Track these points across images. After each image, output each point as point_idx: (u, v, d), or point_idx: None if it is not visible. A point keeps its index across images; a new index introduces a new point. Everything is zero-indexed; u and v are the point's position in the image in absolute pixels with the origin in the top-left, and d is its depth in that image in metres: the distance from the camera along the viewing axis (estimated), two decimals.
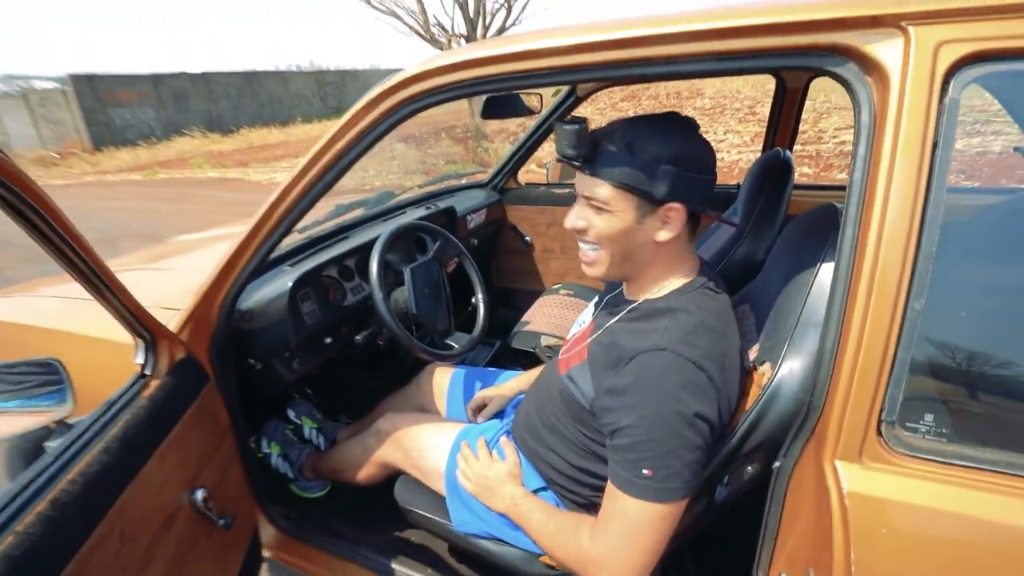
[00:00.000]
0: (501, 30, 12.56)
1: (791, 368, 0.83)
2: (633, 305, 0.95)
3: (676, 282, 0.93)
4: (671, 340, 0.84)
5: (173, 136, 15.26)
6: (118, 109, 14.96)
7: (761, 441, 0.85)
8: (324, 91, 20.51)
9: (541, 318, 2.04)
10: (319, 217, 1.70)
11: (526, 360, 1.91)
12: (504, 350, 2.10)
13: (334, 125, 0.95)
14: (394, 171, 8.87)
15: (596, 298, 1.14)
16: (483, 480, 1.09)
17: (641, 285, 0.95)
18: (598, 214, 0.87)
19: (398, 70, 0.92)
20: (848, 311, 0.65)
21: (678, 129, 0.85)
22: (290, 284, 1.23)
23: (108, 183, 10.66)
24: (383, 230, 1.39)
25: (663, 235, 0.87)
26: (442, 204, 1.94)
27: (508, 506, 1.05)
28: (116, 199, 8.73)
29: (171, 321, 1.07)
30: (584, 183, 0.87)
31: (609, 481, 0.86)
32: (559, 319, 2.05)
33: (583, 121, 0.84)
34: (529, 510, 1.01)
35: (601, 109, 12.82)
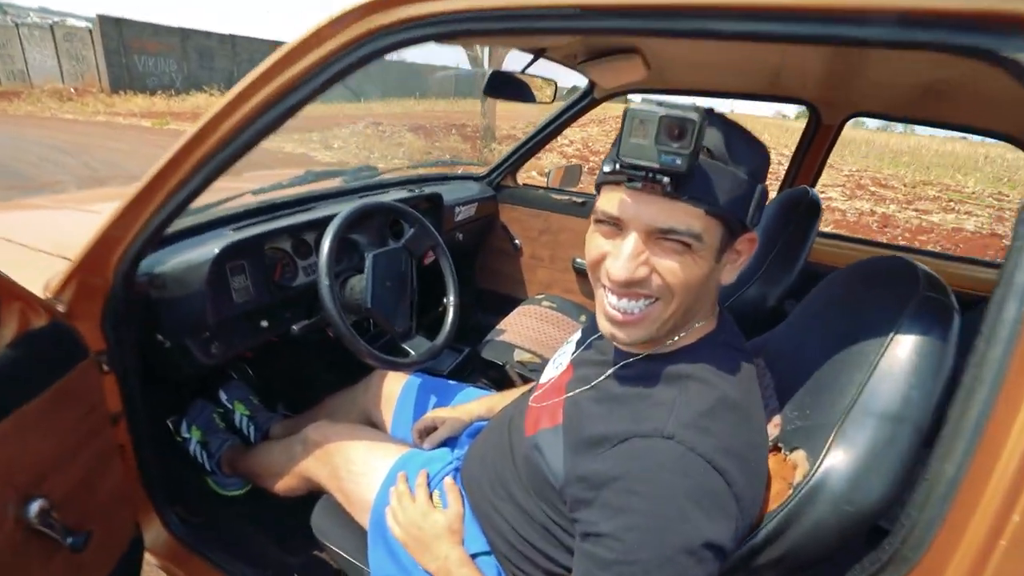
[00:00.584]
0: None
1: (839, 466, 0.57)
2: (633, 359, 0.67)
3: (691, 336, 0.65)
4: (680, 424, 0.56)
5: (192, 91, 14.71)
6: (142, 56, 14.33)
7: (782, 555, 0.60)
8: (356, 77, 19.96)
9: (518, 328, 1.78)
10: (284, 180, 1.42)
11: (494, 373, 1.64)
12: (471, 359, 1.83)
13: (293, 42, 0.67)
14: (399, 157, 8.55)
15: (579, 334, 0.87)
16: (415, 530, 0.83)
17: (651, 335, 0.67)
18: (678, 255, 0.56)
19: None
20: (994, 426, 0.39)
21: (744, 134, 0.58)
22: (215, 252, 0.95)
23: (117, 125, 10.14)
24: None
25: (730, 274, 0.61)
26: (428, 190, 1.66)
27: (438, 569, 0.79)
28: (120, 140, 8.27)
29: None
30: (652, 210, 0.54)
31: None
32: (537, 333, 1.79)
33: (702, 111, 0.51)
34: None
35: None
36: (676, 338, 0.65)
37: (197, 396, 1.42)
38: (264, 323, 1.13)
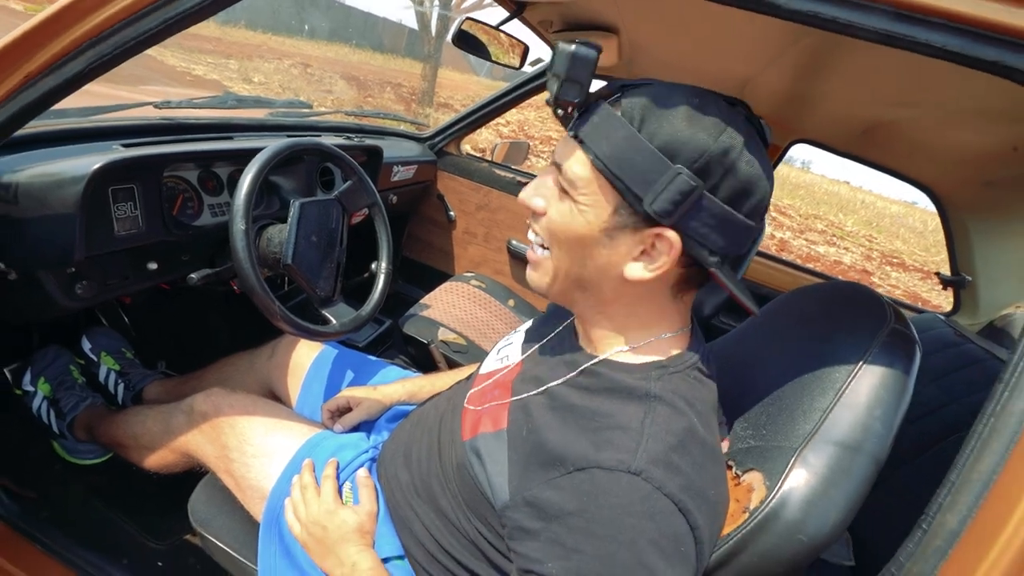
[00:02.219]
0: None
1: (796, 494, 0.55)
2: (590, 364, 0.60)
3: (658, 347, 0.59)
4: (649, 459, 0.50)
5: None
6: None
7: None
8: (290, 9, 18.06)
9: (443, 306, 1.68)
10: (199, 99, 1.19)
11: (415, 351, 1.54)
12: (391, 332, 1.70)
13: None
14: (328, 106, 7.93)
15: (530, 322, 0.79)
16: (319, 530, 0.71)
17: (600, 333, 0.61)
18: (561, 198, 0.56)
19: None
20: (1008, 480, 0.37)
21: (729, 122, 0.50)
22: (95, 167, 0.74)
23: None
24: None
25: (635, 270, 0.53)
26: (368, 141, 1.49)
27: (342, 575, 0.68)
28: None
29: None
30: (562, 148, 0.56)
31: None
32: (463, 312, 1.70)
33: (596, 47, 0.52)
34: None
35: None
36: (633, 349, 0.59)
37: (50, 341, 1.17)
38: (152, 265, 0.93)
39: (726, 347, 0.87)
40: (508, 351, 0.76)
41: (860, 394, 0.58)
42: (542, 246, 0.59)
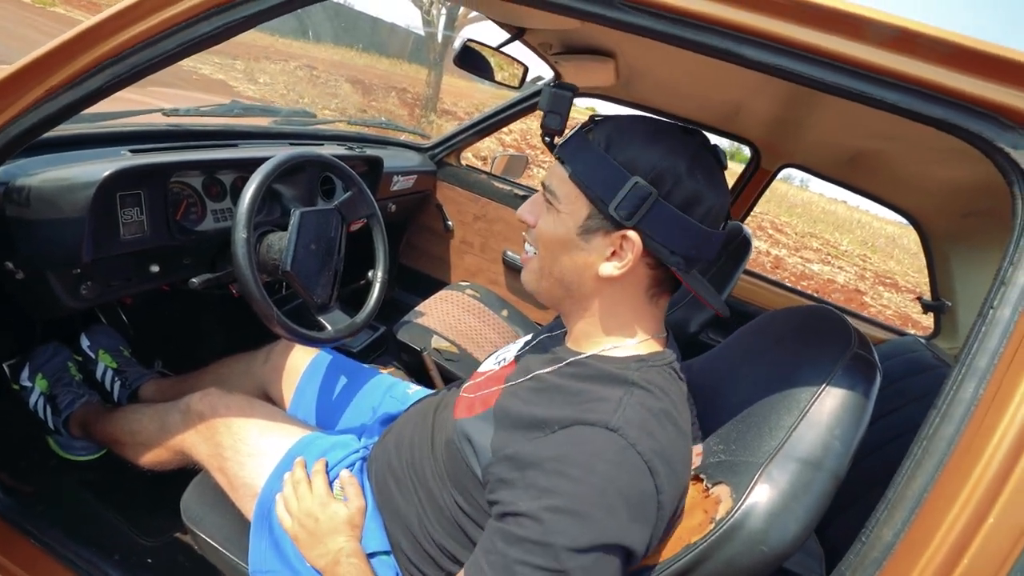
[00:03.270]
0: None
1: (760, 506, 0.58)
2: (577, 359, 0.66)
3: (637, 346, 0.66)
4: (626, 420, 0.56)
5: None
6: None
7: None
8: (297, 12, 18.15)
9: (438, 314, 1.71)
10: (206, 107, 1.22)
11: (408, 357, 1.56)
12: (385, 338, 1.73)
13: None
14: (332, 109, 7.98)
15: (529, 336, 0.84)
16: (310, 522, 0.74)
17: (585, 331, 0.68)
18: (547, 210, 0.66)
19: None
20: (936, 499, 0.40)
21: (680, 144, 0.60)
22: (105, 174, 0.77)
23: None
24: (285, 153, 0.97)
25: (607, 268, 0.62)
26: (369, 151, 1.52)
27: (327, 564, 0.71)
28: None
29: None
30: (550, 171, 0.67)
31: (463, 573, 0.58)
32: (456, 321, 1.73)
33: (572, 87, 0.69)
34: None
35: None
36: (616, 345, 0.66)
37: (49, 338, 1.20)
38: (155, 268, 0.96)
39: (705, 364, 0.91)
40: (506, 355, 0.81)
41: (822, 414, 0.61)
42: (533, 251, 0.69)
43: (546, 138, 0.69)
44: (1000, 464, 0.38)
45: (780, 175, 1.71)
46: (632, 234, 0.59)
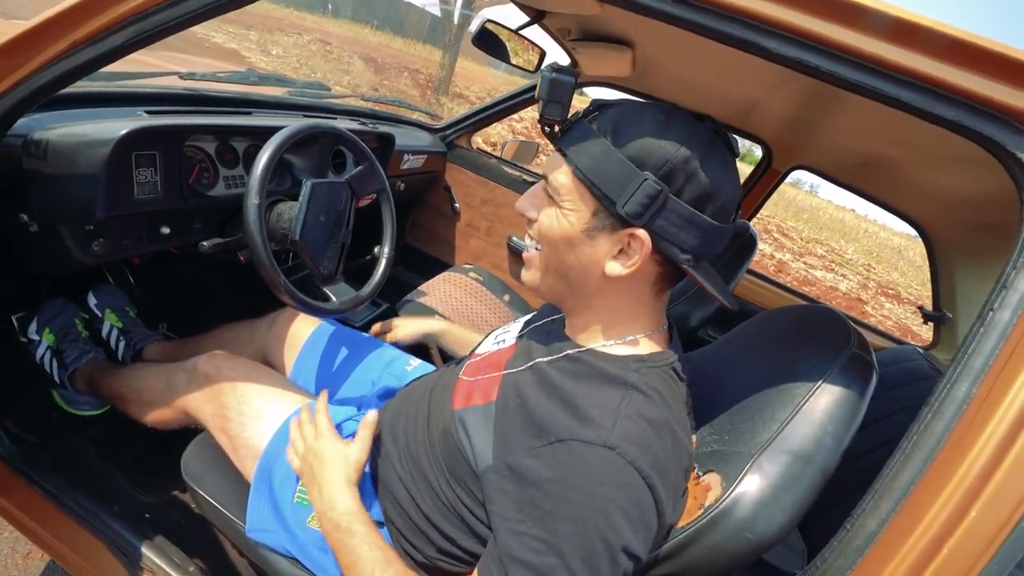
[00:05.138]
0: None
1: (748, 496, 0.60)
2: (575, 352, 0.66)
3: (636, 345, 0.65)
4: (624, 436, 0.55)
5: None
6: None
7: (678, 570, 0.62)
8: None
9: (440, 294, 1.72)
10: (222, 73, 1.22)
11: None
12: (387, 315, 1.74)
13: None
14: (344, 85, 7.92)
15: (529, 316, 0.84)
16: (316, 460, 0.72)
17: (584, 325, 0.67)
18: (549, 204, 0.63)
19: None
20: (921, 492, 0.41)
21: (692, 134, 0.56)
22: (122, 133, 0.78)
23: None
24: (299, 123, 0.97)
25: (614, 267, 0.60)
26: (381, 128, 1.52)
27: (334, 518, 0.68)
28: None
29: None
30: (549, 161, 0.63)
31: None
32: (458, 303, 1.74)
33: (574, 73, 0.62)
34: (357, 543, 0.65)
35: None
36: (614, 341, 0.65)
37: (58, 293, 1.21)
38: (165, 230, 0.97)
39: (704, 357, 0.92)
40: (505, 336, 0.81)
41: (817, 410, 0.63)
42: (535, 247, 0.66)
43: (546, 128, 0.63)
44: (986, 462, 0.39)
45: (790, 178, 1.71)
46: (641, 233, 0.57)
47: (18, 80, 0.62)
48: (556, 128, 0.62)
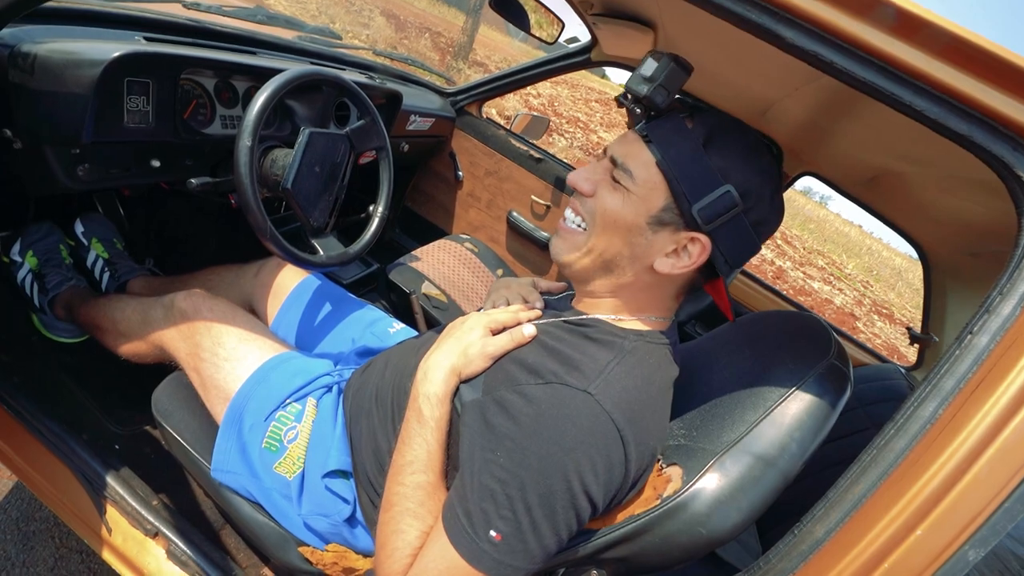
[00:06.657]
0: None
1: (706, 492, 0.60)
2: (580, 317, 0.67)
3: (641, 326, 0.67)
4: (603, 386, 0.57)
5: None
6: None
7: (629, 555, 0.63)
8: None
9: (433, 261, 1.71)
10: (229, 7, 1.18)
11: (396, 298, 1.57)
12: (376, 276, 1.73)
13: None
14: (362, 40, 7.73)
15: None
16: (460, 333, 0.68)
17: (597, 303, 0.68)
18: (613, 188, 0.62)
19: None
20: (873, 506, 0.41)
21: (772, 167, 0.61)
22: (113, 56, 0.75)
23: None
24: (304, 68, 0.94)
25: (664, 264, 0.61)
26: (390, 84, 1.49)
27: (423, 393, 0.64)
28: None
29: None
30: (623, 142, 0.63)
31: (441, 519, 0.58)
32: (450, 271, 1.73)
33: (690, 67, 0.62)
34: (429, 431, 0.62)
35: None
36: (620, 320, 0.66)
37: (45, 218, 1.19)
38: (155, 163, 0.95)
39: (686, 352, 0.91)
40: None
41: (786, 415, 0.63)
42: (580, 227, 0.65)
43: (637, 109, 0.62)
44: (940, 483, 0.39)
45: (802, 187, 1.69)
46: (704, 239, 0.59)
47: None
48: (639, 111, 0.62)
